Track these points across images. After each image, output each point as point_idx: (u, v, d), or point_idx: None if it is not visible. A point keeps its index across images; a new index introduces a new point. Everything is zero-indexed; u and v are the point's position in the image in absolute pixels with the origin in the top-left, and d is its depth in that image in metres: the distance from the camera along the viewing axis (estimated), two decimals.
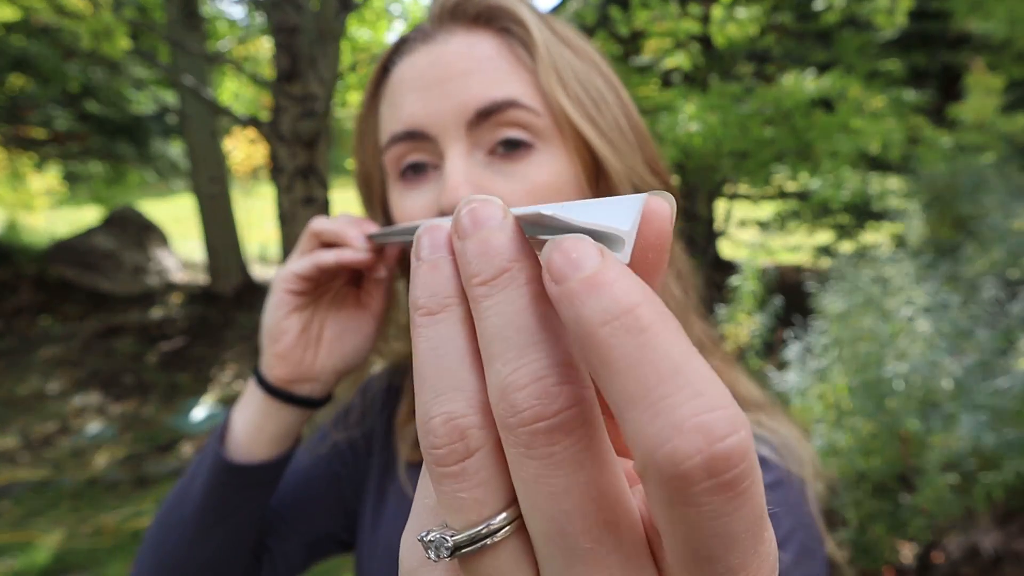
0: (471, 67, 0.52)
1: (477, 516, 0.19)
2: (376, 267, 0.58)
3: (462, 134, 0.52)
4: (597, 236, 0.21)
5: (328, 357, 0.59)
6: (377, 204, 0.63)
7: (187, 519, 0.60)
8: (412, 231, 0.47)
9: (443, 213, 0.51)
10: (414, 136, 0.54)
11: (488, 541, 0.19)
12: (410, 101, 0.54)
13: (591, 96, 0.54)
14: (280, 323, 0.57)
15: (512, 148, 0.53)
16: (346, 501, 0.73)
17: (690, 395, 0.15)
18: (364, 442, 0.73)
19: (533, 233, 0.24)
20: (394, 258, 0.60)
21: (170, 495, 0.64)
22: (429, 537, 0.20)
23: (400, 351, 0.71)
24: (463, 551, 0.19)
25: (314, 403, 0.60)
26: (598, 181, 0.56)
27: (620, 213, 0.21)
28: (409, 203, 0.55)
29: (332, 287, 0.60)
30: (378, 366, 0.77)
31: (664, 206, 0.19)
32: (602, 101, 0.55)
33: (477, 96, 0.52)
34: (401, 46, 0.58)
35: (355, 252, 0.54)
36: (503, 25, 0.55)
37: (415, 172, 0.55)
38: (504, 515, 0.19)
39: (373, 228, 0.56)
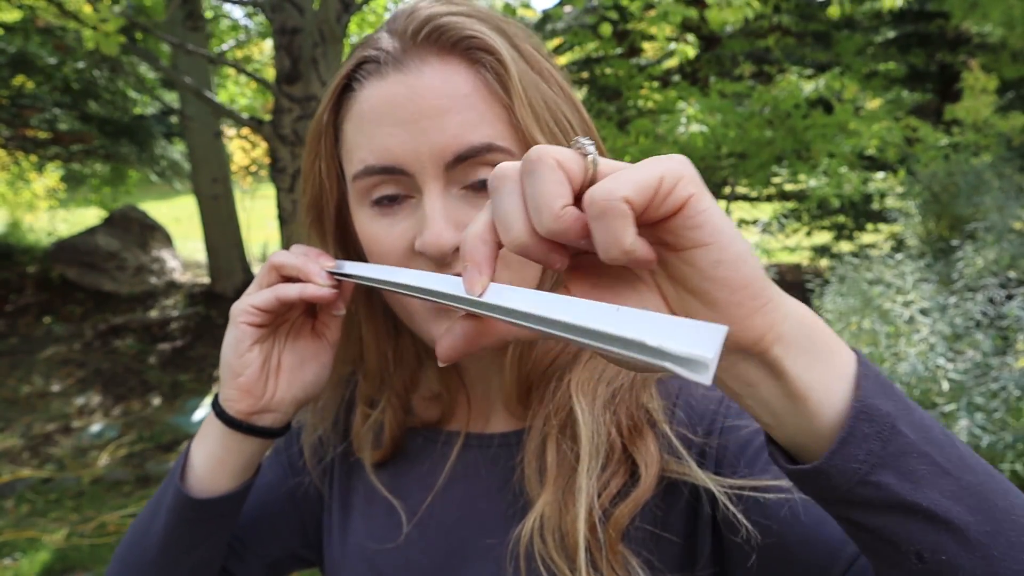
0: (448, 105, 0.52)
1: None
2: (336, 303, 0.58)
3: (440, 173, 0.53)
4: (672, 357, 0.25)
5: (288, 388, 0.60)
6: (328, 218, 0.62)
7: (151, 557, 0.61)
8: (371, 278, 0.49)
9: (422, 253, 0.52)
10: (391, 171, 0.54)
11: None
12: (385, 134, 0.53)
13: (560, 127, 0.55)
14: (243, 356, 0.57)
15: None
16: (304, 518, 0.73)
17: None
18: (318, 455, 0.73)
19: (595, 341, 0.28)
20: (351, 292, 0.60)
21: (130, 532, 0.65)
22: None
23: (350, 360, 0.70)
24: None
25: (274, 433, 0.61)
26: None
27: (702, 339, 0.24)
28: (383, 231, 0.55)
29: (289, 318, 0.61)
30: None
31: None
32: (570, 130, 0.56)
33: (455, 139, 0.52)
34: (366, 63, 0.56)
35: (318, 288, 0.55)
36: (477, 56, 0.54)
37: (389, 201, 0.55)
38: None
39: (329, 262, 0.57)
